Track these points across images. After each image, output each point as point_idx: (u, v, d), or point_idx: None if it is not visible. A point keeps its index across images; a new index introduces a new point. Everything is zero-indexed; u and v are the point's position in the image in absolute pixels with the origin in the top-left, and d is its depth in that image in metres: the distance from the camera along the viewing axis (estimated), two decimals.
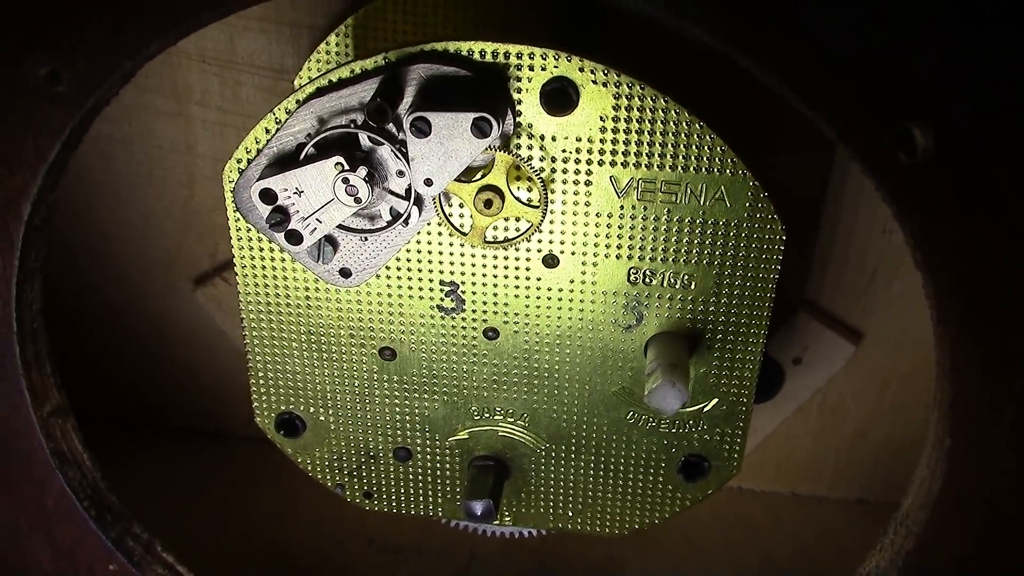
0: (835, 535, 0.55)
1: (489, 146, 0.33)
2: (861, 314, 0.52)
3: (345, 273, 0.38)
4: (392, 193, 0.35)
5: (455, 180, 0.34)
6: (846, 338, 0.52)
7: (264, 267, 0.38)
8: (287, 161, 0.35)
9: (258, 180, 0.35)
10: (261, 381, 0.41)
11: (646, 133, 0.34)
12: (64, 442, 0.38)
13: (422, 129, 0.32)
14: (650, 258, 0.36)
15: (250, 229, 0.37)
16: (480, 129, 0.32)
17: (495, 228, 0.36)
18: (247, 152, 0.35)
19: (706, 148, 0.34)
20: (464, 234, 0.36)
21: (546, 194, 0.35)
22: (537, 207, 0.35)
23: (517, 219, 0.36)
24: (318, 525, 0.54)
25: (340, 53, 0.43)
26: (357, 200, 0.34)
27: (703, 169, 0.34)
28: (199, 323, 0.55)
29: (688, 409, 0.40)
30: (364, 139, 0.34)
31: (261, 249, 0.38)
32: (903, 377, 0.53)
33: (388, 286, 0.38)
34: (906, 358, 0.53)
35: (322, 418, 0.42)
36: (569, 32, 0.43)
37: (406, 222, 0.36)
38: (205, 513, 0.53)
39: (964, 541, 0.33)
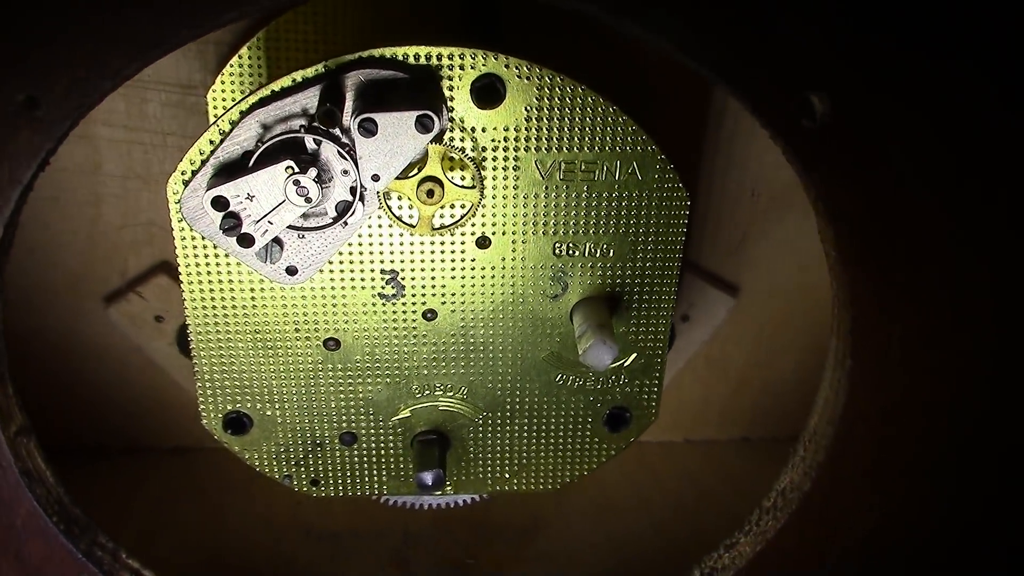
0: (728, 473, 0.61)
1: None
2: (736, 270, 0.58)
3: (291, 271, 0.40)
4: (338, 192, 0.38)
5: (396, 179, 0.37)
6: (727, 292, 0.58)
7: (210, 273, 0.40)
8: (234, 169, 0.37)
9: (209, 189, 0.37)
10: (207, 384, 0.43)
11: (566, 119, 0.38)
12: (30, 460, 0.38)
13: (369, 129, 0.35)
14: (573, 232, 0.40)
15: (195, 238, 0.39)
16: (423, 125, 0.35)
17: (439, 215, 0.39)
18: (191, 163, 0.37)
19: (619, 129, 0.38)
20: (413, 226, 0.39)
21: (480, 174, 0.38)
22: (474, 187, 0.38)
23: (457, 203, 0.39)
24: (250, 526, 0.55)
25: (253, 65, 0.45)
26: (308, 200, 0.37)
27: (617, 148, 0.39)
28: (110, 341, 0.56)
29: (611, 365, 0.44)
30: (310, 142, 0.36)
31: (207, 256, 0.40)
32: (775, 324, 0.60)
33: (331, 280, 0.41)
34: (777, 307, 0.59)
35: (268, 413, 0.44)
36: (473, 29, 0.46)
37: (350, 218, 0.38)
38: (134, 529, 0.54)
39: (867, 449, 0.39)
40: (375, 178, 0.36)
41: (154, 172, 0.51)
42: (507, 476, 0.47)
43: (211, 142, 0.37)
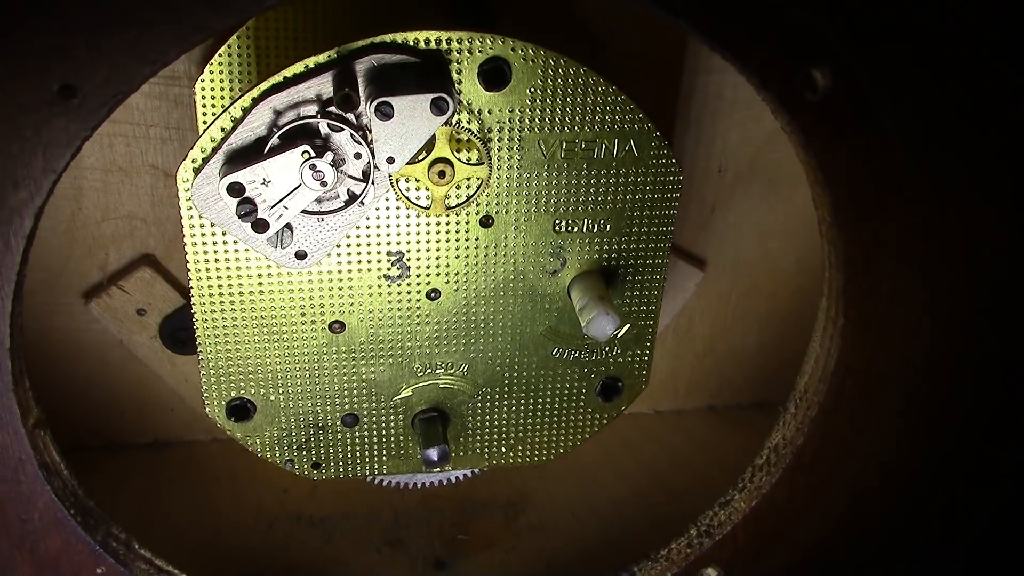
0: (697, 439, 0.64)
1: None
2: (704, 244, 0.60)
3: (301, 255, 0.41)
4: (350, 175, 0.38)
5: (407, 164, 0.38)
6: (695, 266, 0.60)
7: (217, 261, 0.40)
8: (247, 155, 0.38)
9: (223, 175, 0.37)
10: (212, 372, 0.43)
11: (568, 100, 0.39)
12: (47, 453, 0.38)
13: (386, 112, 0.36)
14: (572, 209, 0.42)
15: (204, 226, 0.39)
16: (438, 107, 0.36)
17: (452, 195, 0.40)
18: (202, 151, 0.38)
19: (618, 108, 0.40)
20: (427, 208, 0.40)
21: (488, 151, 0.39)
22: (482, 163, 0.40)
23: (468, 181, 0.40)
24: (241, 515, 0.55)
25: (243, 55, 0.46)
26: (323, 184, 0.37)
27: (615, 126, 0.40)
28: (89, 337, 0.55)
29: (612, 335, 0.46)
30: (324, 127, 0.37)
31: (215, 244, 0.40)
32: (740, 295, 0.62)
33: (338, 263, 0.42)
34: (742, 278, 0.62)
35: (272, 398, 0.45)
36: (467, 13, 0.48)
37: (362, 201, 0.39)
38: (123, 525, 0.53)
39: (856, 403, 0.41)
40: (390, 160, 0.37)
41: (136, 164, 0.51)
42: (504, 450, 0.49)
43: (223, 130, 0.37)
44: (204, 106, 0.46)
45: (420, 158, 0.39)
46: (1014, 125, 0.36)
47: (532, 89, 0.39)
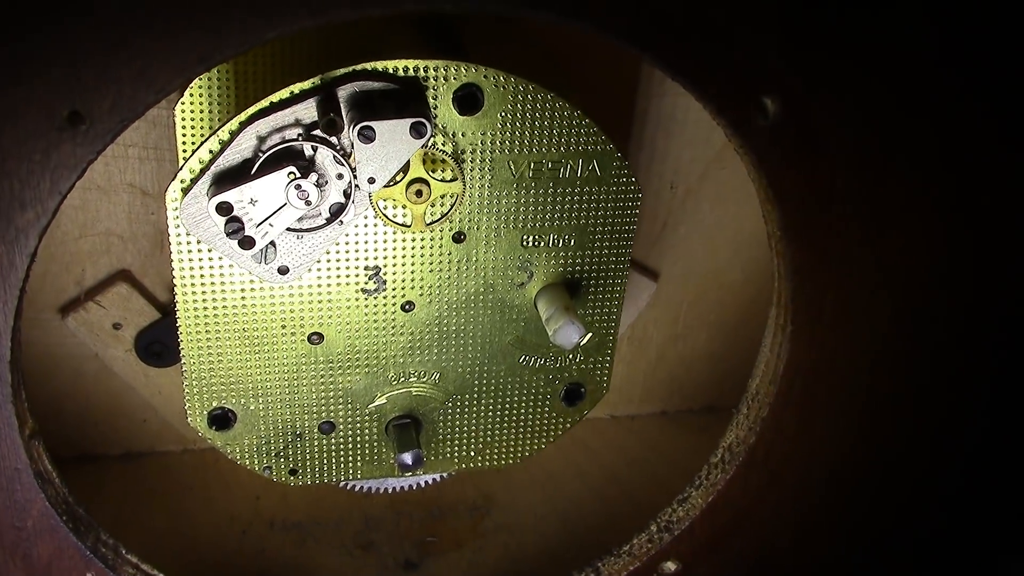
0: (651, 442, 0.67)
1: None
2: (658, 257, 0.63)
3: (283, 270, 0.43)
4: (332, 195, 0.41)
5: (386, 187, 0.41)
6: (649, 277, 0.63)
7: (203, 276, 0.42)
8: (234, 176, 0.40)
9: (212, 195, 0.39)
10: (194, 383, 0.45)
11: (536, 123, 0.42)
12: (41, 462, 0.40)
13: (368, 136, 0.38)
14: (539, 225, 0.45)
15: (190, 243, 0.41)
16: (417, 131, 0.39)
17: (430, 212, 0.42)
18: (191, 172, 0.40)
19: (582, 131, 0.43)
20: (408, 226, 0.42)
21: (460, 168, 0.42)
22: (456, 179, 0.42)
23: (442, 198, 0.42)
24: (215, 523, 0.57)
25: (222, 79, 0.47)
26: (307, 203, 0.40)
27: (580, 147, 0.43)
28: (64, 351, 0.56)
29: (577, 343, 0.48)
30: (308, 149, 0.39)
31: (200, 260, 0.42)
32: (690, 304, 0.66)
33: (318, 277, 0.44)
34: (692, 288, 0.65)
35: (252, 407, 0.46)
36: (441, 43, 0.50)
37: (343, 218, 0.41)
38: None
39: (804, 403, 0.45)
40: (371, 180, 0.40)
41: (114, 183, 0.52)
42: (473, 454, 0.51)
43: (211, 152, 0.39)
44: (184, 128, 0.48)
45: (398, 179, 0.42)
46: (943, 149, 0.40)
47: (503, 113, 0.41)
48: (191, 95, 0.48)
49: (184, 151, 0.48)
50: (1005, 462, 0.49)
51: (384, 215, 0.42)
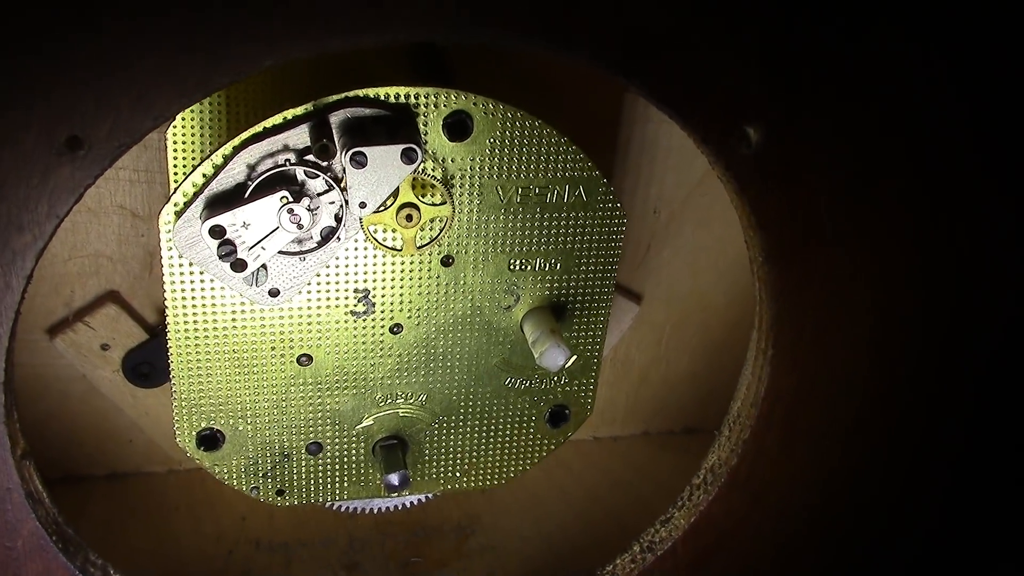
0: (634, 463, 0.68)
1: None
2: (641, 280, 0.64)
3: (274, 293, 0.43)
4: (323, 218, 0.41)
5: (377, 213, 0.41)
6: (632, 300, 0.64)
7: (194, 298, 0.43)
8: (226, 200, 0.40)
9: (205, 219, 0.40)
10: (184, 404, 0.45)
11: (524, 149, 0.43)
12: (31, 483, 0.40)
13: (360, 161, 0.39)
14: (526, 249, 0.45)
15: (182, 265, 0.42)
16: (408, 157, 0.40)
17: (420, 236, 0.43)
18: (184, 196, 0.40)
19: (569, 157, 0.43)
20: (400, 250, 0.43)
21: (450, 192, 0.43)
22: (446, 203, 0.43)
23: (432, 222, 0.43)
24: (201, 543, 0.57)
25: (214, 103, 0.48)
26: (299, 227, 0.40)
27: (567, 174, 0.44)
28: (52, 372, 0.56)
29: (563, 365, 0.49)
30: (301, 174, 0.40)
31: (192, 282, 0.42)
32: (673, 326, 0.67)
33: (308, 300, 0.44)
34: (675, 310, 0.66)
35: (241, 428, 0.47)
36: (430, 70, 0.51)
37: (333, 242, 0.42)
38: None
39: (785, 425, 0.45)
40: (363, 205, 0.40)
41: (104, 205, 0.53)
42: (458, 475, 0.52)
43: (204, 176, 0.40)
44: (175, 151, 0.49)
45: (388, 204, 0.42)
46: (922, 175, 0.41)
47: (492, 140, 0.42)
48: (183, 119, 0.48)
49: (175, 174, 0.49)
50: (986, 483, 0.50)
51: (375, 239, 0.43)
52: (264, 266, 0.42)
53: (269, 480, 0.49)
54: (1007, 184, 0.42)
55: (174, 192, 0.40)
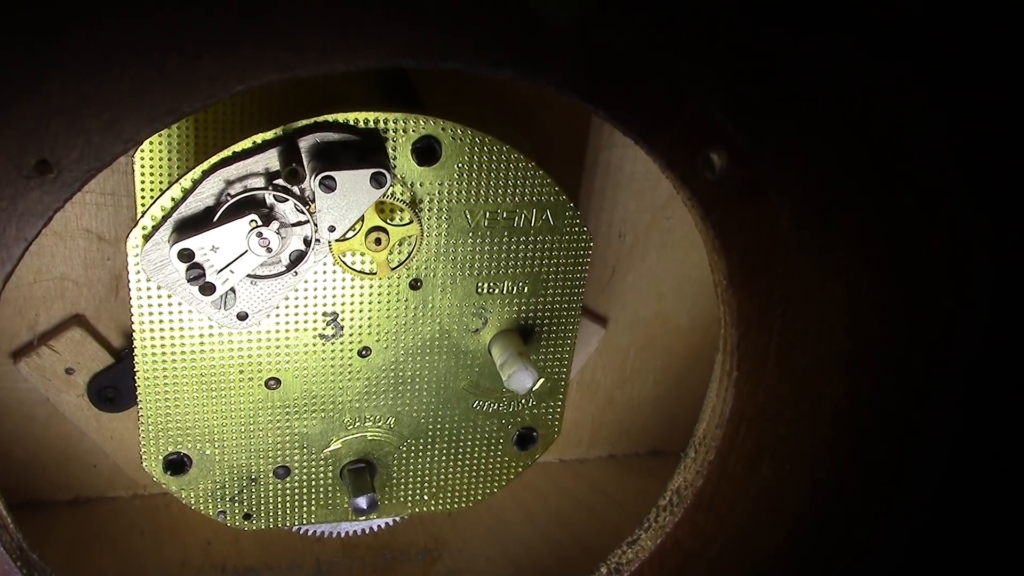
0: (599, 486, 0.68)
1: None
2: (606, 303, 0.65)
3: (242, 316, 0.43)
4: (292, 242, 0.42)
5: (346, 240, 0.42)
6: (598, 323, 0.65)
7: (162, 321, 0.43)
8: (195, 224, 0.40)
9: (174, 242, 0.40)
10: (151, 428, 0.45)
11: (492, 174, 0.43)
12: None
13: (329, 185, 0.40)
14: (493, 272, 0.46)
15: (150, 288, 0.42)
16: (377, 181, 0.40)
17: (390, 258, 0.43)
18: (153, 219, 0.40)
19: (536, 182, 0.44)
20: (373, 273, 0.43)
21: (416, 212, 0.43)
22: (412, 222, 0.43)
23: (400, 245, 0.43)
24: (166, 569, 0.57)
25: (181, 127, 0.48)
26: (268, 250, 0.40)
27: (534, 198, 0.44)
28: (14, 396, 0.56)
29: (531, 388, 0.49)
30: (270, 198, 0.40)
31: (160, 305, 0.42)
32: (638, 349, 0.67)
33: (276, 323, 0.44)
34: (640, 333, 0.67)
35: (208, 452, 0.47)
36: (399, 94, 0.51)
37: (301, 266, 0.42)
38: None
39: (750, 447, 0.46)
40: (331, 228, 0.41)
41: (71, 228, 0.53)
42: (426, 498, 0.52)
43: (173, 199, 0.40)
44: (143, 175, 0.49)
45: (356, 229, 0.43)
46: (885, 198, 0.42)
47: (460, 164, 0.43)
48: (151, 143, 0.48)
49: (143, 198, 0.49)
50: (955, 505, 0.50)
51: (343, 263, 0.43)
52: (232, 289, 0.43)
53: (236, 504, 0.49)
54: (980, 199, 0.43)
55: (142, 216, 0.41)
